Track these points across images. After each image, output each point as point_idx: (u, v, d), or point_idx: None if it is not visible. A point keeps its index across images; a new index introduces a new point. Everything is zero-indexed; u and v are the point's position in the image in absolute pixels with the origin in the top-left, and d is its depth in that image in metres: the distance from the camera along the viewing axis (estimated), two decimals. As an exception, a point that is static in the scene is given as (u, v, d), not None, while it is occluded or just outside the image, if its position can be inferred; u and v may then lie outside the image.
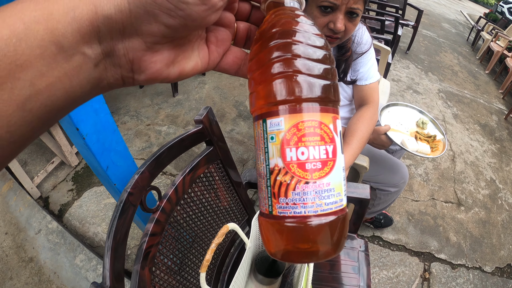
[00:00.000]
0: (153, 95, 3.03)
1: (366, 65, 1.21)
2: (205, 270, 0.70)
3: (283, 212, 0.29)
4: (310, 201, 0.28)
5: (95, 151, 0.99)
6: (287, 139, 0.28)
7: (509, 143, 3.72)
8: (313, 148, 0.28)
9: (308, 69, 0.28)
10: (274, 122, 0.29)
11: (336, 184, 0.29)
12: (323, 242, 0.29)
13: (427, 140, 1.39)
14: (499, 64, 5.87)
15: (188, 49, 0.30)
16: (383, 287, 1.92)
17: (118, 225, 0.64)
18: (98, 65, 0.24)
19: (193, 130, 0.79)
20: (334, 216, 0.29)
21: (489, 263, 2.26)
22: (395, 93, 3.95)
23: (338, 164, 0.30)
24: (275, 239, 0.30)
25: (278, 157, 0.29)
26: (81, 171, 2.26)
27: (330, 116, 0.29)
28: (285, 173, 0.28)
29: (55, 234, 1.83)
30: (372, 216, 1.97)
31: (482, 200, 2.75)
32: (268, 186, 0.30)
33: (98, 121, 0.98)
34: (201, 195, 0.88)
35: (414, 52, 5.54)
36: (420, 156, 1.34)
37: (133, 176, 0.68)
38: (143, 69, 0.26)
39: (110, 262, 0.61)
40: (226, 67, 0.34)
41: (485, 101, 4.59)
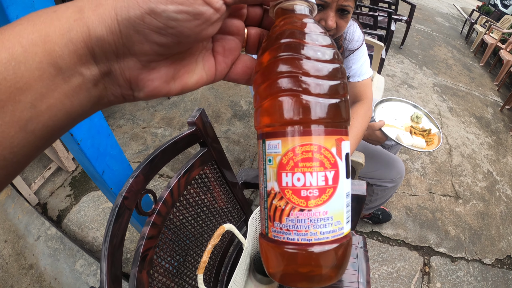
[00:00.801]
0: (148, 98, 3.02)
1: (359, 62, 1.21)
2: (202, 271, 0.70)
3: (277, 237, 0.29)
4: (303, 229, 0.27)
5: (90, 156, 0.99)
6: (283, 164, 0.28)
7: (505, 134, 3.73)
8: (310, 175, 0.27)
9: (311, 87, 0.27)
10: (272, 144, 0.28)
11: (335, 212, 0.28)
12: (321, 268, 0.28)
13: (422, 134, 1.40)
14: (493, 57, 5.88)
15: (191, 63, 0.29)
16: (384, 282, 1.93)
17: (114, 230, 0.64)
18: (97, 84, 0.24)
19: (186, 132, 0.79)
20: (331, 245, 0.28)
21: (488, 255, 2.27)
22: (390, 88, 3.96)
23: (339, 191, 0.28)
24: (271, 261, 0.30)
25: (275, 180, 0.28)
26: (78, 176, 2.26)
27: (333, 139, 0.28)
28: (280, 198, 0.28)
29: (54, 240, 1.83)
30: (370, 212, 1.98)
31: (480, 193, 2.76)
32: (265, 208, 0.30)
33: (92, 126, 0.98)
34: (196, 196, 0.88)
35: (408, 46, 5.55)
36: (415, 151, 1.35)
37: (127, 180, 0.68)
38: (141, 87, 0.26)
39: (107, 266, 0.62)
40: (236, 77, 0.33)
41: (480, 94, 4.60)
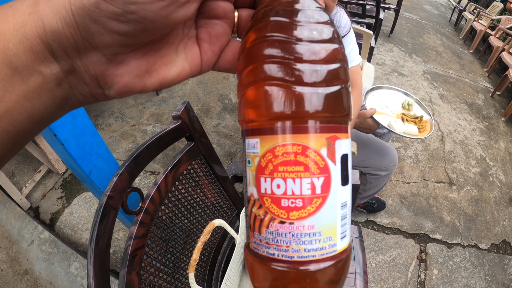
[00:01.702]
0: (136, 95, 2.99)
1: (346, 49, 1.19)
2: (193, 270, 0.69)
3: (257, 249, 0.25)
4: (284, 244, 0.23)
5: (76, 156, 0.97)
6: (261, 167, 0.23)
7: (496, 120, 3.75)
8: (292, 181, 0.22)
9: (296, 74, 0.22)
10: (251, 143, 0.24)
11: (324, 227, 0.23)
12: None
13: (414, 121, 1.39)
14: (482, 43, 5.90)
15: (169, 53, 0.25)
16: (381, 271, 1.93)
17: (99, 231, 0.62)
18: (61, 84, 0.21)
19: (171, 127, 0.77)
20: (318, 265, 0.23)
21: (484, 240, 2.28)
22: (380, 76, 3.95)
23: (331, 202, 0.23)
24: (255, 273, 0.26)
25: (254, 186, 0.24)
26: (69, 178, 2.23)
27: (323, 138, 0.23)
28: (259, 206, 0.24)
29: (47, 244, 1.81)
30: (364, 201, 1.97)
31: (474, 178, 2.77)
32: (247, 215, 0.26)
33: (76, 124, 0.96)
34: (185, 192, 0.86)
35: (397, 35, 5.54)
36: (408, 138, 1.33)
37: (111, 179, 0.66)
38: (110, 84, 0.23)
39: (94, 269, 0.59)
40: (226, 66, 0.29)
41: (471, 80, 4.62)
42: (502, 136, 3.47)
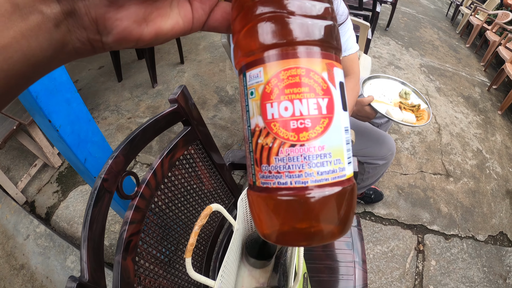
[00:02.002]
0: (132, 88, 2.98)
1: (344, 37, 1.18)
2: (190, 255, 0.67)
3: (267, 183, 0.24)
4: (297, 169, 0.23)
5: (71, 143, 0.96)
6: (266, 93, 0.24)
7: (493, 113, 3.75)
8: (299, 102, 0.23)
9: (290, 7, 0.23)
10: (253, 74, 0.25)
11: (333, 148, 0.23)
12: (321, 221, 0.23)
13: (412, 109, 1.38)
14: (479, 38, 5.91)
15: (164, 6, 0.26)
16: (379, 262, 1.93)
17: (93, 214, 0.61)
18: (59, 25, 0.21)
19: (168, 110, 0.75)
20: (332, 189, 0.23)
21: (481, 231, 2.29)
22: (376, 69, 3.95)
23: (336, 123, 0.24)
24: (263, 217, 0.25)
25: (259, 115, 0.24)
26: (64, 172, 2.22)
27: (324, 63, 0.24)
28: (266, 134, 0.24)
29: (43, 238, 1.80)
30: (362, 191, 1.97)
31: (470, 170, 2.77)
32: (251, 151, 0.25)
33: (71, 111, 0.94)
34: (182, 178, 0.85)
35: (394, 28, 5.54)
36: (406, 125, 1.33)
37: (106, 161, 0.65)
38: (109, 28, 0.23)
39: (87, 254, 0.58)
40: (215, 24, 0.29)
41: (467, 74, 4.62)
42: (498, 129, 3.48)
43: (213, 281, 0.73)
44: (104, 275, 0.61)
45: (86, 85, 2.96)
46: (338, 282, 1.10)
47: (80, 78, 3.03)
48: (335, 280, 1.10)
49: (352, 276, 1.11)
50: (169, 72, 3.26)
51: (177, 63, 3.42)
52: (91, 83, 2.99)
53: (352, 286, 1.09)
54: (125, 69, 3.19)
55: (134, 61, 3.40)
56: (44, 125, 0.94)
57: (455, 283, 1.94)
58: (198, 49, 3.76)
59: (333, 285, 1.09)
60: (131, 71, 3.23)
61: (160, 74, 3.18)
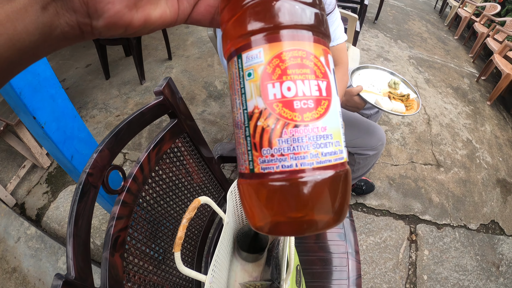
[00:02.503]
0: (120, 85, 2.95)
1: (332, 26, 1.17)
2: (179, 249, 0.66)
3: (268, 168, 0.23)
4: (302, 150, 0.22)
5: (56, 140, 0.94)
6: (268, 73, 0.23)
7: (482, 104, 3.79)
8: (301, 82, 0.23)
9: None
10: (251, 55, 0.24)
11: (333, 130, 0.24)
12: (321, 207, 0.23)
13: (401, 99, 1.38)
14: (467, 30, 5.96)
15: None
16: (372, 253, 1.94)
17: (78, 210, 0.59)
18: (47, 8, 0.20)
19: (153, 102, 0.74)
20: (334, 170, 0.23)
21: (473, 220, 2.31)
22: (365, 61, 3.96)
23: (334, 106, 0.24)
24: (259, 207, 0.24)
25: (258, 96, 0.23)
26: (54, 172, 2.19)
27: (321, 48, 0.24)
28: (267, 116, 0.23)
29: (34, 239, 1.78)
30: (353, 183, 1.97)
31: (461, 160, 2.80)
32: (247, 136, 0.24)
33: (56, 107, 0.93)
34: (170, 172, 0.83)
35: (382, 21, 5.56)
36: (396, 115, 1.33)
37: (91, 156, 0.63)
38: (100, 12, 0.22)
39: (73, 250, 0.57)
40: (198, 17, 0.30)
41: (456, 65, 4.65)
42: (487, 120, 3.51)
43: (204, 276, 0.72)
44: (91, 272, 0.60)
45: (74, 83, 2.92)
46: (332, 274, 1.09)
47: (67, 77, 2.99)
48: (329, 271, 1.10)
49: (345, 267, 1.11)
50: (157, 68, 3.23)
51: (165, 59, 3.39)
52: (78, 82, 2.95)
53: (345, 277, 1.09)
54: (113, 66, 3.16)
55: (122, 58, 3.36)
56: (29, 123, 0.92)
57: (449, 272, 1.96)
58: (186, 44, 3.73)
59: (326, 277, 1.08)
60: (118, 68, 3.20)
61: (148, 70, 3.15)
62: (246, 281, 0.98)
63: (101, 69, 2.96)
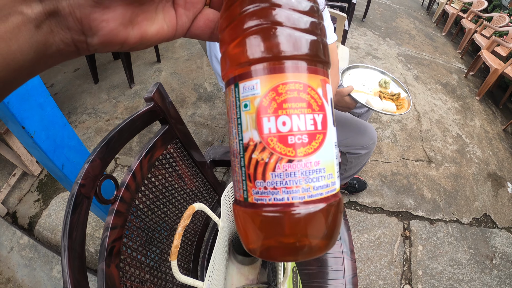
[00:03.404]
0: (109, 89, 2.92)
1: (321, 27, 1.17)
2: (175, 257, 0.66)
3: (261, 199, 0.24)
4: (294, 185, 0.23)
5: (46, 149, 0.93)
6: (264, 106, 0.23)
7: (471, 99, 3.84)
8: (297, 117, 0.23)
9: (291, 21, 0.23)
10: (248, 86, 0.24)
11: (327, 163, 0.24)
12: (312, 236, 0.24)
13: (392, 98, 1.39)
14: (455, 26, 6.04)
15: (150, 10, 0.26)
16: (367, 250, 1.95)
17: (72, 222, 0.59)
18: (41, 26, 0.20)
19: (144, 109, 0.73)
20: (325, 203, 0.24)
21: (465, 214, 2.34)
22: (354, 60, 3.99)
23: (329, 139, 0.24)
24: (252, 233, 0.25)
25: (254, 129, 0.23)
26: (45, 179, 2.16)
27: (319, 79, 0.24)
28: (262, 149, 0.23)
29: (28, 249, 1.76)
30: (346, 181, 1.98)
31: (451, 156, 2.83)
32: (242, 166, 0.24)
33: (45, 116, 0.91)
34: (163, 179, 0.83)
35: (370, 19, 5.60)
36: (387, 115, 1.34)
37: (83, 166, 0.62)
38: (94, 30, 0.22)
39: (68, 264, 0.56)
40: (197, 32, 0.30)
41: (444, 62, 4.71)
42: (477, 115, 3.56)
43: (201, 282, 0.71)
44: (88, 285, 0.59)
45: (62, 88, 2.89)
46: (328, 273, 1.10)
47: (55, 82, 2.95)
48: (325, 271, 1.10)
49: (341, 266, 1.12)
50: (146, 71, 3.21)
51: (153, 62, 3.37)
52: (67, 87, 2.92)
53: (341, 276, 1.09)
54: (101, 70, 3.13)
55: (110, 61, 3.33)
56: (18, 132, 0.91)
57: (443, 266, 1.98)
58: (175, 46, 3.72)
59: (322, 277, 1.09)
60: (107, 72, 3.16)
61: (137, 73, 3.13)
62: (243, 284, 0.98)
63: (90, 73, 2.92)
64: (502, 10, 5.35)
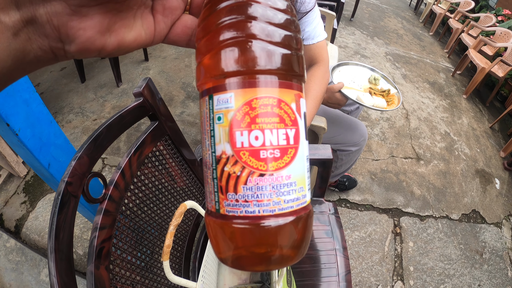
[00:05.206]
0: (96, 88, 2.87)
1: (312, 24, 1.17)
2: (167, 257, 0.64)
3: (232, 211, 0.24)
4: (265, 198, 0.23)
5: (32, 148, 0.90)
6: (237, 120, 0.23)
7: (458, 98, 3.89)
8: (269, 132, 0.23)
9: (266, 35, 0.23)
10: (222, 99, 0.24)
11: (298, 177, 0.24)
12: (282, 246, 0.24)
13: (382, 94, 1.40)
14: (442, 26, 6.13)
15: (128, 17, 0.26)
16: (358, 248, 1.96)
17: (59, 222, 0.56)
18: (19, 34, 0.20)
19: (133, 105, 0.71)
20: (295, 216, 0.24)
21: (455, 210, 2.37)
22: (343, 59, 4.00)
23: (301, 153, 0.25)
24: (224, 243, 0.25)
25: (226, 142, 0.23)
26: (31, 181, 2.11)
27: (293, 94, 0.24)
28: (234, 163, 0.23)
29: (14, 252, 1.72)
30: (336, 179, 1.98)
31: (440, 153, 2.86)
32: (215, 178, 0.25)
33: (30, 113, 0.89)
34: (152, 177, 0.81)
35: (359, 19, 5.64)
36: (378, 110, 1.34)
37: (69, 163, 0.60)
38: (71, 37, 0.22)
39: (55, 266, 0.53)
40: (175, 38, 0.30)
41: (432, 61, 4.76)
42: (464, 112, 3.60)
43: (194, 283, 0.70)
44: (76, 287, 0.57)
45: (49, 88, 2.83)
46: (321, 271, 1.09)
47: (42, 81, 2.89)
48: (318, 269, 1.10)
49: (334, 264, 1.11)
50: (133, 70, 3.16)
51: (141, 61, 3.33)
52: (53, 86, 2.86)
53: (335, 273, 1.09)
54: (88, 69, 3.07)
55: (97, 60, 3.28)
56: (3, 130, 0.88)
57: (434, 262, 2.00)
58: (163, 45, 3.66)
59: (316, 274, 1.08)
60: (94, 71, 3.11)
61: (124, 72, 3.08)
62: (236, 284, 0.97)
63: (76, 72, 2.87)
64: (489, 11, 5.44)
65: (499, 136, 3.43)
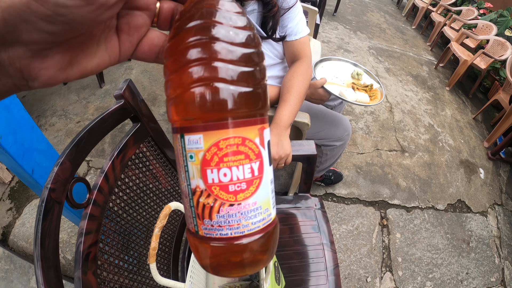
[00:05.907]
0: (78, 90, 2.82)
1: (294, 20, 1.17)
2: (154, 260, 0.65)
3: (209, 234, 0.27)
4: (235, 223, 0.27)
5: (14, 154, 0.89)
6: (207, 160, 0.26)
7: (441, 90, 3.95)
8: (236, 169, 0.26)
9: (227, 76, 0.25)
10: (192, 139, 0.26)
11: (263, 202, 0.28)
12: (254, 254, 0.28)
13: (365, 89, 1.41)
14: (424, 20, 6.20)
15: (90, 46, 0.26)
16: (346, 241, 1.98)
17: (44, 229, 0.56)
18: None
19: (114, 107, 0.71)
20: (263, 233, 0.28)
21: (440, 201, 2.42)
22: (326, 53, 4.02)
23: (265, 180, 0.28)
24: (204, 256, 0.29)
25: (199, 178, 0.26)
26: (16, 186, 2.08)
27: (256, 129, 0.27)
28: (207, 195, 0.26)
29: (3, 260, 1.69)
30: (321, 174, 2.00)
31: (424, 145, 2.91)
32: (192, 206, 0.28)
33: (12, 118, 0.87)
34: (136, 179, 0.81)
35: (341, 13, 5.67)
36: (360, 105, 1.36)
37: (52, 169, 0.60)
38: (34, 76, 0.23)
39: (42, 274, 0.53)
40: (142, 56, 0.30)
41: (415, 54, 4.82)
42: (447, 104, 3.66)
43: (182, 284, 0.70)
44: (63, 294, 0.57)
45: (30, 91, 2.78)
46: (309, 266, 1.11)
47: (23, 86, 2.85)
48: (306, 264, 1.11)
49: (322, 258, 1.13)
50: (116, 70, 3.11)
51: (124, 61, 3.29)
52: (35, 89, 2.82)
53: (323, 268, 1.10)
54: (70, 70, 3.03)
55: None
56: (-17, 137, 0.86)
57: (422, 252, 2.04)
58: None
59: (304, 270, 1.10)
60: (76, 72, 3.07)
61: (106, 73, 3.03)
62: (225, 283, 0.97)
63: (59, 74, 2.83)
64: (471, 4, 5.52)
65: (483, 127, 3.49)
